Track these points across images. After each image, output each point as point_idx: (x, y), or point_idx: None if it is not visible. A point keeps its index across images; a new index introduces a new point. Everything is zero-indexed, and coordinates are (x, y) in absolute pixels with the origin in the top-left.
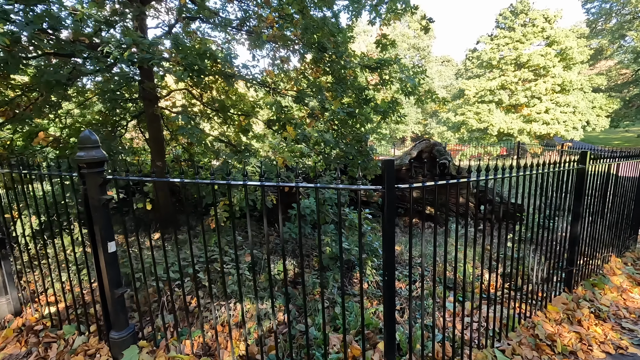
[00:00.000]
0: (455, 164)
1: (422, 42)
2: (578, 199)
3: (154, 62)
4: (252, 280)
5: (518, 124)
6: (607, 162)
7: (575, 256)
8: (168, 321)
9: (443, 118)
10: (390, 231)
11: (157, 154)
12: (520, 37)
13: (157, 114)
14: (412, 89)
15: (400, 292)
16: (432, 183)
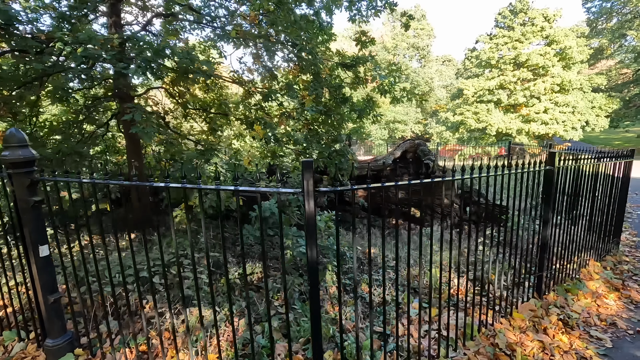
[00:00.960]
0: (440, 163)
1: (421, 41)
2: (547, 202)
3: (106, 58)
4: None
5: (517, 123)
6: (581, 162)
7: (546, 261)
8: (113, 327)
9: (442, 118)
10: (312, 237)
11: (134, 153)
12: (520, 37)
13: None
14: (388, 87)
15: (366, 297)
16: (378, 185)
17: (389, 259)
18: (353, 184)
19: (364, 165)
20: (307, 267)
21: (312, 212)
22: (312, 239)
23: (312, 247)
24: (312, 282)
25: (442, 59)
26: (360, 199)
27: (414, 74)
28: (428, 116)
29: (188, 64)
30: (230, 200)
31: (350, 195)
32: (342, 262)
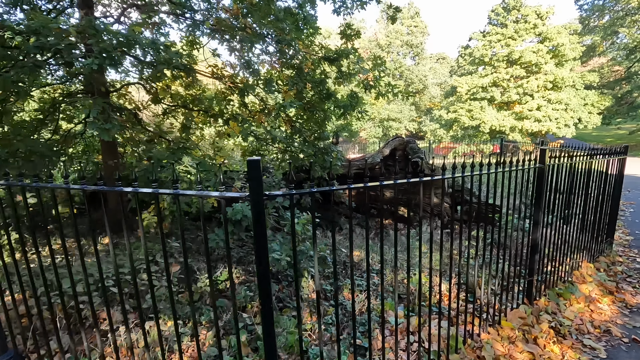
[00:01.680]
0: (434, 161)
1: (415, 39)
2: (538, 202)
3: (62, 49)
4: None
5: (510, 121)
6: (573, 159)
7: (537, 264)
8: (65, 344)
9: (436, 115)
10: (261, 246)
11: (109, 153)
12: (512, 34)
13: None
14: (374, 82)
15: (347, 304)
16: (343, 187)
17: (375, 262)
18: (332, 184)
19: (351, 163)
20: (257, 280)
21: (260, 217)
22: (262, 248)
23: (261, 256)
24: (263, 298)
25: (436, 57)
26: (347, 197)
27: (408, 71)
28: (422, 114)
29: (155, 56)
30: (198, 203)
31: (338, 194)
32: (323, 267)
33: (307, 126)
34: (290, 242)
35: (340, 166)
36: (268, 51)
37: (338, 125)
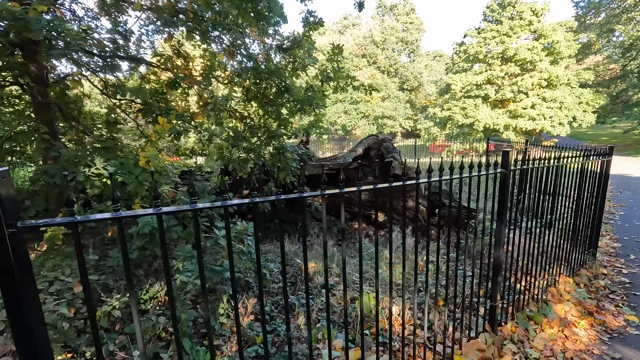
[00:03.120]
0: (403, 162)
1: (410, 35)
2: (500, 214)
3: None
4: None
5: (504, 119)
6: (544, 163)
7: (500, 286)
8: None
9: (430, 113)
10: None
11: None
12: (507, 31)
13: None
14: (332, 73)
15: (282, 331)
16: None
17: (333, 275)
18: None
19: (323, 163)
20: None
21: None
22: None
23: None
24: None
25: (432, 54)
26: (316, 202)
27: (403, 68)
28: (418, 112)
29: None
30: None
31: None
32: (266, 284)
33: (262, 123)
34: (217, 257)
35: (312, 166)
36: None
37: (307, 122)
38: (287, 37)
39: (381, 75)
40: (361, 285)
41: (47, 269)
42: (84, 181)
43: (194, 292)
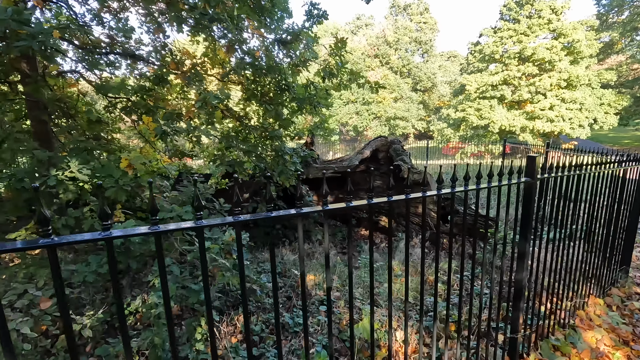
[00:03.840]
0: (413, 165)
1: (424, 35)
2: (525, 230)
3: None
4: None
5: (520, 121)
6: (578, 170)
7: (523, 313)
8: None
9: (443, 114)
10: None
11: (42, 141)
12: (525, 30)
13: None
14: (335, 69)
15: (269, 355)
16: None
17: (336, 288)
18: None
19: (327, 166)
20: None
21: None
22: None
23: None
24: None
25: (447, 55)
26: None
27: (416, 68)
28: (431, 113)
29: (16, 28)
30: None
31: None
32: (256, 299)
33: (260, 123)
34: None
35: (315, 169)
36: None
37: (312, 123)
38: (286, 30)
39: (394, 76)
40: (372, 309)
41: (19, 279)
42: (57, 185)
43: (154, 318)
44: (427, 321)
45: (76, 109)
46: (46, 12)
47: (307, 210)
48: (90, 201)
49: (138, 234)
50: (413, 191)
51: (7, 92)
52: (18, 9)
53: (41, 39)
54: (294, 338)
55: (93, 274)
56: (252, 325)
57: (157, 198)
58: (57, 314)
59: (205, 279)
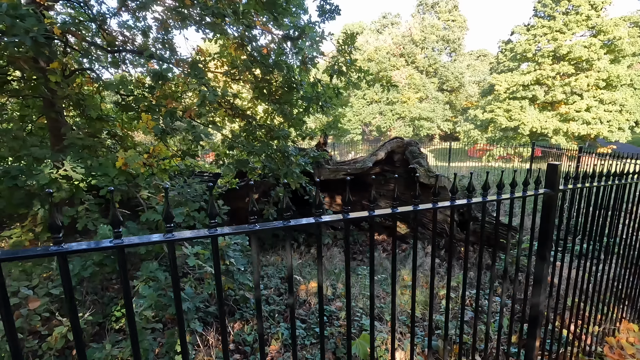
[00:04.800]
0: (431, 169)
1: (452, 34)
2: (543, 248)
3: None
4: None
5: (554, 123)
6: (602, 182)
7: (540, 342)
8: None
9: (470, 115)
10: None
11: (55, 137)
12: (561, 27)
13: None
14: (345, 66)
15: None
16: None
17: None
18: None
19: (339, 168)
20: None
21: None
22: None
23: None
24: None
25: (476, 54)
26: (330, 209)
27: (443, 68)
28: (458, 113)
29: (11, 23)
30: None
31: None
32: (252, 308)
33: (266, 122)
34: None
35: (328, 171)
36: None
37: (325, 123)
38: (294, 26)
39: (419, 76)
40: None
41: (14, 277)
42: (49, 183)
43: (144, 323)
44: (434, 340)
45: (84, 106)
46: (61, 10)
47: (327, 219)
48: (85, 200)
49: (151, 242)
50: (426, 200)
51: (20, 89)
52: (14, 4)
53: (34, 34)
54: (289, 351)
55: (76, 277)
56: (245, 334)
57: (154, 199)
58: (47, 314)
59: (219, 291)
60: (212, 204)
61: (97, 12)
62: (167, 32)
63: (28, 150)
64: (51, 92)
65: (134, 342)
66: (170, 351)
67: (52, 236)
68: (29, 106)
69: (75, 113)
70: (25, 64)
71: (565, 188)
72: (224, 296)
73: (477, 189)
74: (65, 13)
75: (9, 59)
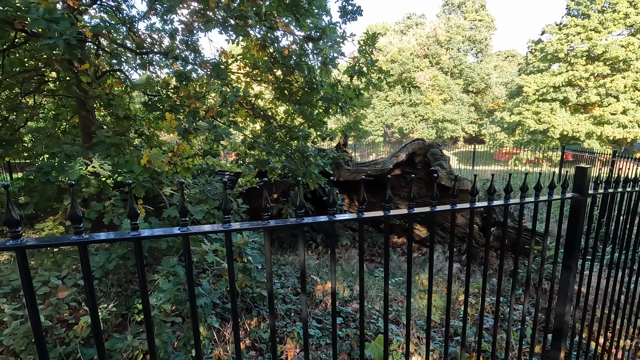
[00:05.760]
0: (453, 172)
1: (479, 34)
2: (569, 257)
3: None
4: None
5: (586, 125)
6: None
7: (565, 354)
8: None
9: (497, 118)
10: None
11: (87, 136)
12: (596, 25)
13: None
14: (365, 66)
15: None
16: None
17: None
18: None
19: (359, 169)
20: None
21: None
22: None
23: None
24: None
25: (504, 54)
26: (349, 209)
27: (469, 69)
28: (484, 116)
29: (48, 27)
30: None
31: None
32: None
33: (286, 122)
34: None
35: (347, 171)
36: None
37: (345, 124)
38: (315, 26)
39: (444, 77)
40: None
41: (45, 267)
42: (79, 180)
43: (163, 317)
44: (451, 346)
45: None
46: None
47: (340, 217)
48: (111, 195)
49: (167, 235)
50: (447, 203)
51: (56, 89)
52: (50, 9)
53: (67, 37)
54: (303, 350)
55: (101, 269)
56: (262, 332)
57: (177, 196)
58: (74, 303)
59: (232, 285)
60: (226, 199)
61: (127, 16)
62: (191, 34)
63: (60, 147)
64: (83, 92)
65: (149, 333)
66: (187, 345)
67: (73, 226)
68: (64, 106)
69: (105, 112)
70: (60, 65)
71: (595, 193)
72: (242, 293)
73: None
74: (99, 17)
75: (46, 61)
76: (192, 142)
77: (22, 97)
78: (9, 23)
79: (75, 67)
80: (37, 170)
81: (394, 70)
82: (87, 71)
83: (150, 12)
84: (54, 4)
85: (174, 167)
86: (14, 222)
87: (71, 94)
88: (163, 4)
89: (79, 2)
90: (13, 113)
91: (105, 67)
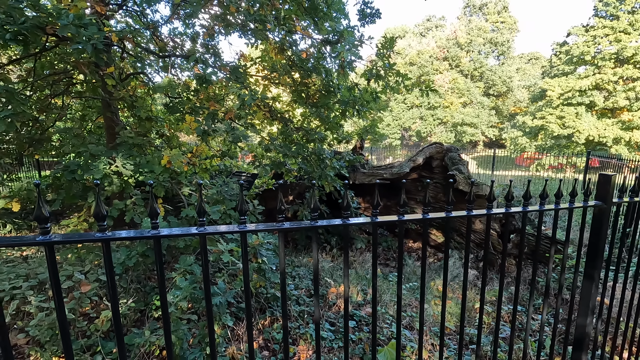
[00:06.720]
0: (471, 177)
1: (501, 36)
2: (592, 267)
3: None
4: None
5: (614, 131)
6: None
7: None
8: None
9: (519, 122)
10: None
11: (111, 136)
12: (626, 27)
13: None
14: (383, 70)
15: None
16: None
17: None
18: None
19: (375, 172)
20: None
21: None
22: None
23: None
24: None
25: (527, 57)
26: (363, 213)
27: (490, 72)
28: (505, 119)
29: (77, 32)
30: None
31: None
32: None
33: (303, 125)
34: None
35: (363, 175)
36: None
37: (362, 127)
38: (333, 30)
39: (463, 80)
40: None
41: (70, 262)
42: (102, 178)
43: (179, 314)
44: (466, 355)
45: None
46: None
47: (354, 221)
48: (133, 194)
49: (185, 234)
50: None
51: (83, 91)
52: (79, 15)
53: (94, 41)
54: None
55: (121, 265)
56: (275, 332)
57: (195, 196)
58: (96, 298)
59: (247, 285)
60: (242, 200)
61: (151, 20)
62: (212, 38)
63: (86, 147)
64: (108, 94)
65: (166, 329)
66: (202, 342)
67: (97, 224)
68: (90, 107)
69: (128, 113)
70: (87, 68)
71: (620, 201)
72: (256, 293)
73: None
74: (124, 21)
75: (74, 64)
76: (210, 144)
77: (51, 99)
78: (41, 28)
79: (102, 70)
80: (63, 168)
81: (412, 73)
82: (112, 74)
83: (173, 17)
84: (83, 10)
85: (192, 167)
86: (44, 219)
87: (97, 95)
88: (186, 9)
89: (106, 7)
90: (43, 114)
91: (129, 70)
